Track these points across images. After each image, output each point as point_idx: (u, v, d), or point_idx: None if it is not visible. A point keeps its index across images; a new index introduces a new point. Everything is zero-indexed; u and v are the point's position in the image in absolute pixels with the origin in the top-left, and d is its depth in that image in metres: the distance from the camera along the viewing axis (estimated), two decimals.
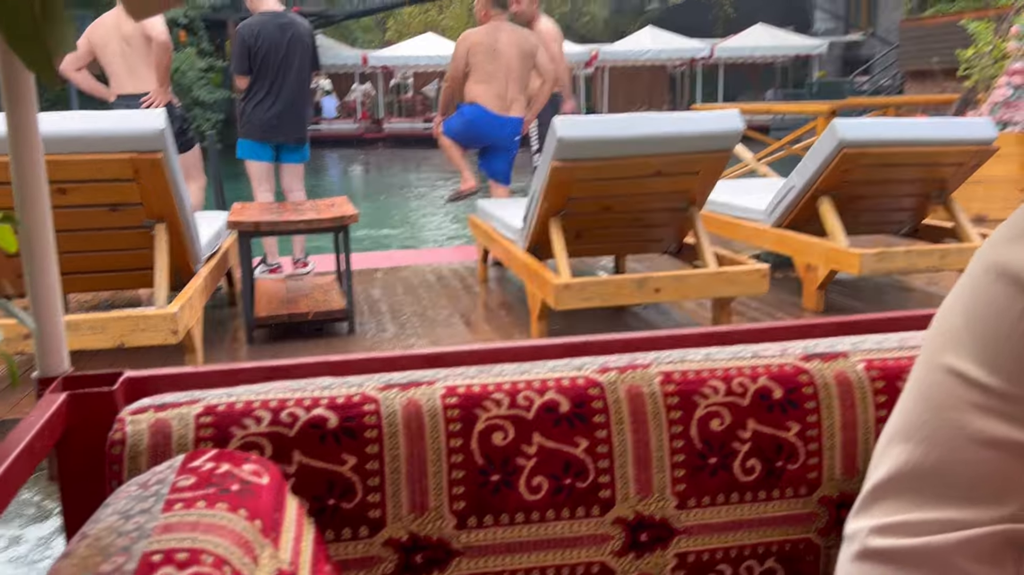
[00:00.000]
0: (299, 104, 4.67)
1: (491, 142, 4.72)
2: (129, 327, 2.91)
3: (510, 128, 4.66)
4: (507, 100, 4.60)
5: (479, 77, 4.57)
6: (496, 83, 4.56)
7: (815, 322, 1.04)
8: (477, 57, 4.55)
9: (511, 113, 4.63)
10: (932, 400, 0.63)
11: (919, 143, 3.60)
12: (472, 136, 4.71)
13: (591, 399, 0.85)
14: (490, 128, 4.63)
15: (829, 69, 25.08)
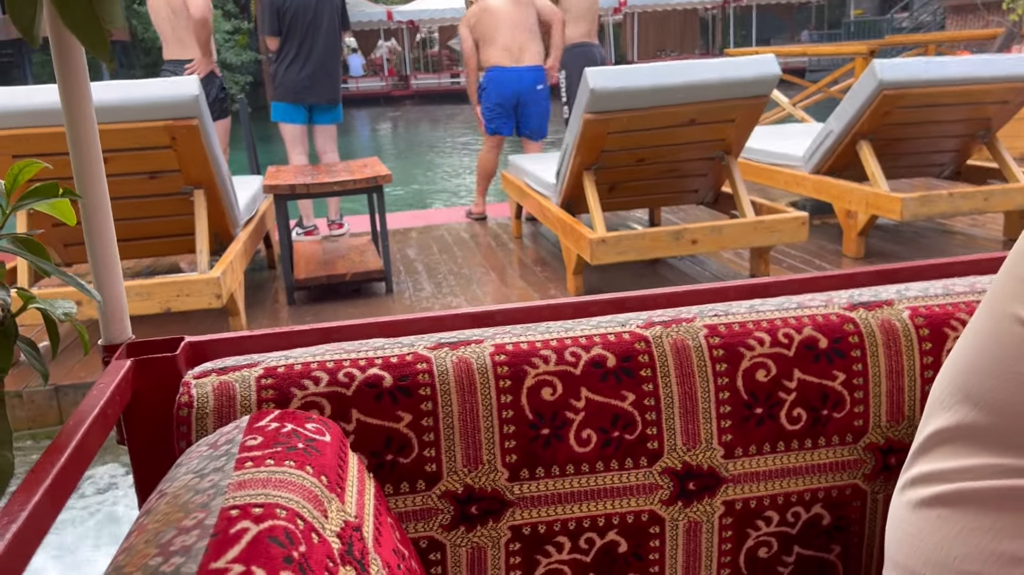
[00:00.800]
0: (330, 64, 4.67)
1: (517, 98, 4.69)
2: (174, 292, 2.98)
3: (529, 77, 4.65)
4: (515, 51, 4.62)
5: (485, 42, 4.65)
6: (500, 39, 4.61)
7: (858, 271, 1.04)
8: (478, 29, 4.64)
9: (524, 63, 4.63)
10: (1001, 351, 0.60)
11: (961, 82, 3.50)
12: (499, 100, 4.70)
13: (637, 353, 0.86)
14: (509, 82, 4.63)
15: (867, 6, 24.26)
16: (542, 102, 4.78)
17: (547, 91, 4.78)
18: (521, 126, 4.85)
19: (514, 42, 4.64)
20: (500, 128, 4.80)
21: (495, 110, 4.74)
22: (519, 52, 4.64)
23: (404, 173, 10.40)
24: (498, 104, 4.71)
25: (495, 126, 4.80)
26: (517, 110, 4.76)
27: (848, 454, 0.90)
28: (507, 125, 4.80)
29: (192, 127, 2.99)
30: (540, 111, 4.80)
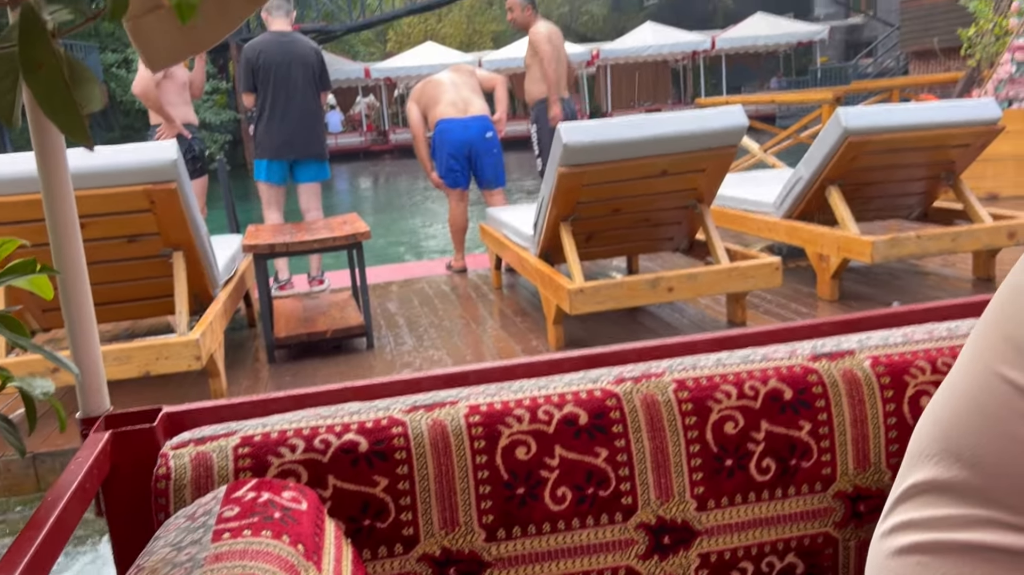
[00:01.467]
0: (309, 120, 4.74)
1: (469, 147, 4.80)
2: (153, 356, 2.97)
3: (476, 126, 4.79)
4: (461, 105, 4.80)
5: (431, 105, 4.86)
6: (445, 98, 4.82)
7: (822, 321, 1.07)
8: (424, 99, 4.90)
9: (471, 113, 4.79)
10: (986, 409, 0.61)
11: (924, 127, 3.61)
12: (451, 151, 4.80)
13: (609, 410, 0.88)
14: (457, 131, 4.76)
15: (832, 54, 24.99)
16: (493, 151, 4.89)
17: (496, 140, 4.91)
18: (478, 177, 4.95)
19: (459, 97, 4.83)
20: (457, 181, 4.90)
21: (449, 162, 4.84)
22: (464, 105, 4.82)
23: (384, 227, 10.46)
24: (451, 155, 4.82)
25: (452, 179, 4.89)
26: (471, 160, 4.86)
27: (818, 502, 0.91)
28: (463, 177, 4.90)
29: (171, 190, 3.02)
30: (493, 160, 4.90)
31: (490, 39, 31.23)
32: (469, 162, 4.87)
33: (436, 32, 31.02)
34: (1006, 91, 6.30)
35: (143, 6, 0.81)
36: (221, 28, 0.87)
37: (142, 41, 0.84)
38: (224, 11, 0.86)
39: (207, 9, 0.84)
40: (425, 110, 4.92)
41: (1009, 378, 0.59)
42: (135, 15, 0.81)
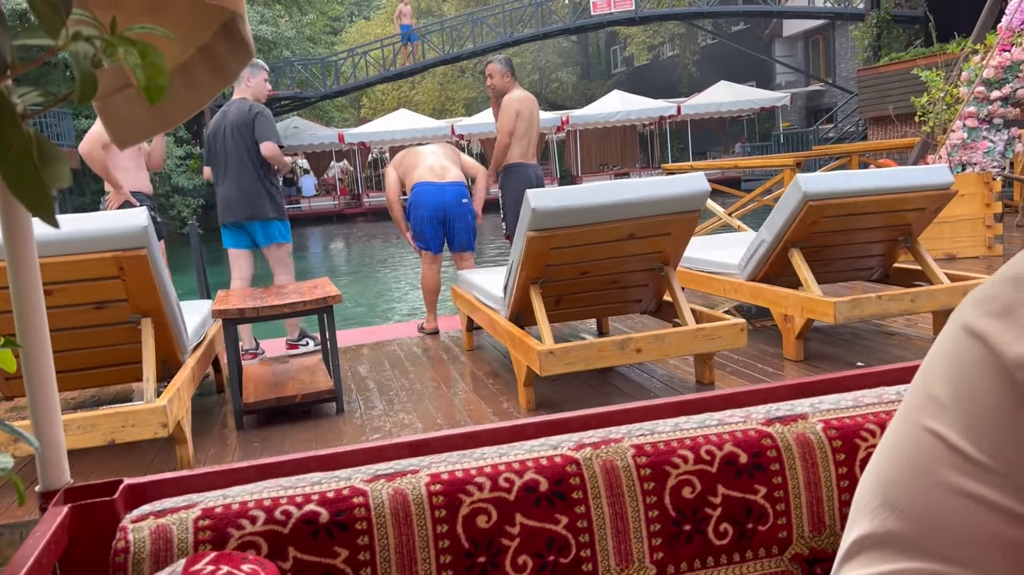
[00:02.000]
0: (244, 183, 4.72)
1: (444, 211, 4.89)
2: (119, 423, 2.92)
3: (452, 191, 4.90)
4: (438, 170, 4.93)
5: (409, 170, 5.00)
6: (423, 163, 4.96)
7: (777, 386, 1.10)
8: (403, 166, 5.05)
9: (448, 179, 4.91)
10: (915, 462, 0.64)
11: (880, 192, 3.73)
12: (427, 213, 4.88)
13: (569, 476, 0.90)
14: (433, 194, 4.86)
15: (794, 119, 25.78)
16: (467, 216, 4.99)
17: (471, 206, 5.02)
18: (450, 241, 5.03)
19: (437, 163, 4.97)
20: (430, 245, 4.97)
21: (424, 226, 4.91)
22: (442, 171, 4.94)
23: (357, 290, 10.45)
24: (426, 219, 4.89)
25: (425, 243, 4.97)
26: (445, 224, 4.94)
27: (775, 566, 0.93)
28: (436, 241, 4.97)
29: (140, 257, 3.02)
30: (466, 226, 5.00)
31: (462, 106, 31.85)
32: (443, 226, 4.95)
33: (409, 99, 31.59)
34: (959, 156, 6.54)
35: (112, 86, 0.84)
36: (190, 106, 0.90)
37: (111, 119, 0.86)
38: (193, 90, 0.89)
39: (176, 88, 0.87)
40: (403, 175, 5.04)
41: (931, 428, 0.62)
42: (104, 95, 0.84)
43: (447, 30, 24.48)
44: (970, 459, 0.60)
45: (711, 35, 27.77)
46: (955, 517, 0.61)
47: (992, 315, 0.59)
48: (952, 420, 0.61)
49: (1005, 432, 0.58)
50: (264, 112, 4.74)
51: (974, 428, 0.60)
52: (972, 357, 0.60)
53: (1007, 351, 0.57)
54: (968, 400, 0.60)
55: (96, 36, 0.61)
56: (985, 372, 0.59)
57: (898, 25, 15.71)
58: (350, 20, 37.80)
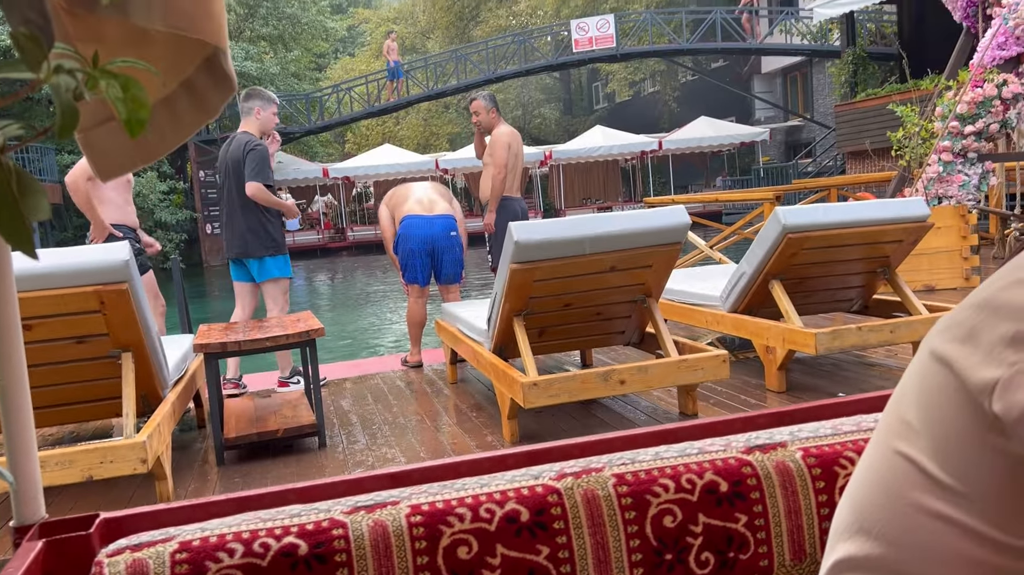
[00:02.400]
0: (236, 219, 4.69)
1: (432, 243, 4.91)
2: (97, 459, 2.88)
3: (441, 223, 4.94)
4: (427, 203, 4.99)
5: (399, 204, 5.07)
6: (413, 197, 5.03)
7: (757, 414, 1.11)
8: (393, 200, 5.14)
9: (436, 212, 4.96)
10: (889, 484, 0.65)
11: (857, 224, 3.79)
12: (415, 246, 4.90)
13: (550, 506, 0.90)
14: (422, 227, 4.90)
15: (774, 154, 26.15)
16: (456, 249, 5.01)
17: (459, 239, 5.04)
18: (438, 273, 5.04)
19: (425, 197, 5.03)
20: (417, 278, 4.97)
21: (412, 259, 4.93)
22: (430, 204, 4.99)
23: (340, 323, 10.41)
24: (414, 252, 4.91)
25: (413, 276, 4.97)
26: (433, 257, 4.96)
27: None
28: (423, 274, 4.97)
29: (122, 291, 3.00)
30: (454, 258, 5.02)
31: (446, 140, 32.08)
32: (431, 259, 4.96)
33: (394, 134, 31.78)
34: (935, 189, 6.66)
35: (93, 119, 0.85)
36: (172, 139, 0.91)
37: (93, 152, 0.87)
38: (175, 123, 0.90)
39: (158, 122, 0.88)
40: (393, 210, 5.10)
41: (903, 452, 0.64)
42: (86, 128, 0.85)
43: (431, 66, 24.74)
44: (940, 482, 0.61)
45: (691, 72, 28.23)
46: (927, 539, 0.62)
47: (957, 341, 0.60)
48: (923, 444, 0.63)
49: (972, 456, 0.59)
50: (257, 149, 4.63)
51: (943, 452, 0.61)
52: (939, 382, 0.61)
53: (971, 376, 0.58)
54: (937, 424, 0.62)
55: (78, 69, 0.62)
56: (951, 397, 0.60)
57: (873, 62, 16.06)
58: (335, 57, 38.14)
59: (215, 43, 0.79)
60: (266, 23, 26.23)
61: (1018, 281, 0.57)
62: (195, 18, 0.77)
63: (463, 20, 32.82)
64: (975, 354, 0.58)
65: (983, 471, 0.58)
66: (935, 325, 0.65)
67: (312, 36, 28.40)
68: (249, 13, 26.10)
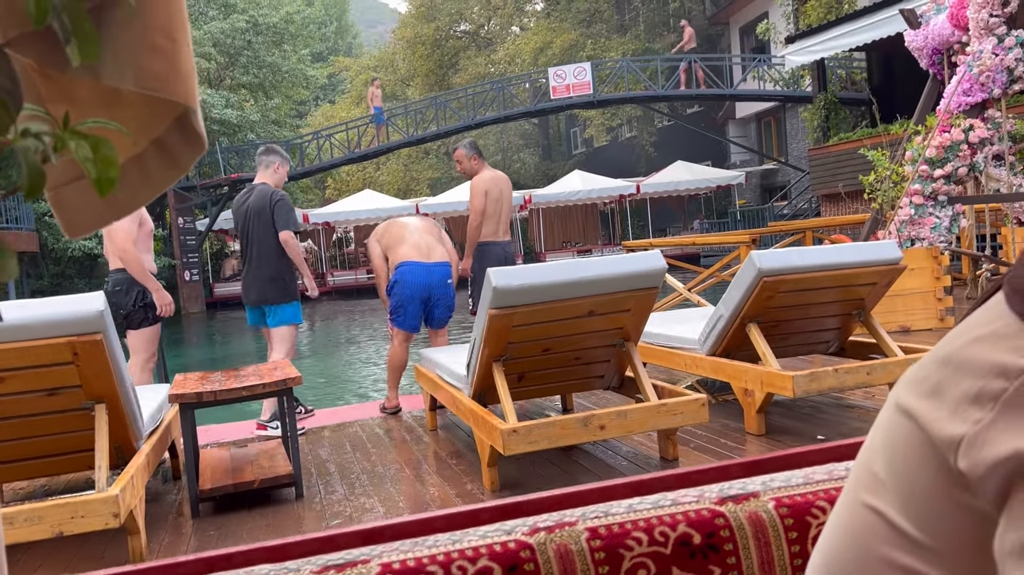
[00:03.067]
0: (259, 268, 4.89)
1: (429, 291, 4.88)
2: (68, 514, 2.81)
3: (439, 272, 4.91)
4: (424, 249, 4.94)
5: (394, 246, 4.98)
6: (409, 240, 4.96)
7: (730, 463, 1.11)
8: (386, 239, 5.05)
9: (434, 259, 4.91)
10: (857, 538, 0.65)
11: (832, 267, 3.84)
12: (412, 292, 4.85)
13: (523, 562, 0.89)
14: (420, 275, 4.85)
15: (750, 196, 26.53)
16: (450, 296, 5.01)
17: (452, 288, 5.04)
18: (429, 319, 5.03)
19: (423, 242, 4.95)
20: (408, 324, 4.93)
21: (406, 303, 4.88)
22: (428, 250, 4.92)
23: (319, 370, 10.32)
24: (409, 296, 4.86)
25: (403, 321, 4.91)
26: (427, 303, 4.93)
27: None
28: (415, 321, 4.94)
29: (96, 342, 2.97)
30: (447, 304, 5.02)
31: (426, 186, 32.30)
32: (425, 306, 4.93)
33: (374, 179, 31.96)
34: (908, 231, 6.77)
35: (63, 177, 0.85)
36: (143, 196, 0.91)
37: (63, 209, 0.87)
38: (146, 180, 0.90)
39: (128, 179, 0.88)
40: (387, 249, 5.02)
41: (871, 505, 0.64)
42: (55, 186, 0.85)
43: (411, 113, 25.00)
44: (908, 536, 0.61)
45: (667, 117, 28.72)
46: None
47: (922, 395, 0.60)
48: (891, 497, 0.63)
49: (939, 510, 0.59)
50: (285, 200, 4.89)
51: (911, 505, 0.61)
52: (906, 436, 0.62)
53: (937, 432, 0.58)
54: (904, 477, 0.62)
55: (45, 132, 0.62)
56: (918, 450, 0.60)
57: (845, 107, 16.43)
58: (315, 104, 38.47)
59: (186, 103, 0.80)
60: (247, 71, 26.44)
61: (978, 338, 0.58)
62: (167, 79, 0.78)
63: (442, 68, 33.29)
64: (940, 409, 0.58)
65: (950, 525, 0.58)
66: (903, 376, 0.66)
67: (292, 84, 28.64)
68: (230, 62, 26.32)
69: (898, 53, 9.87)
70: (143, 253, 4.71)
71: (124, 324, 4.66)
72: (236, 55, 26.07)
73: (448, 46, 33.46)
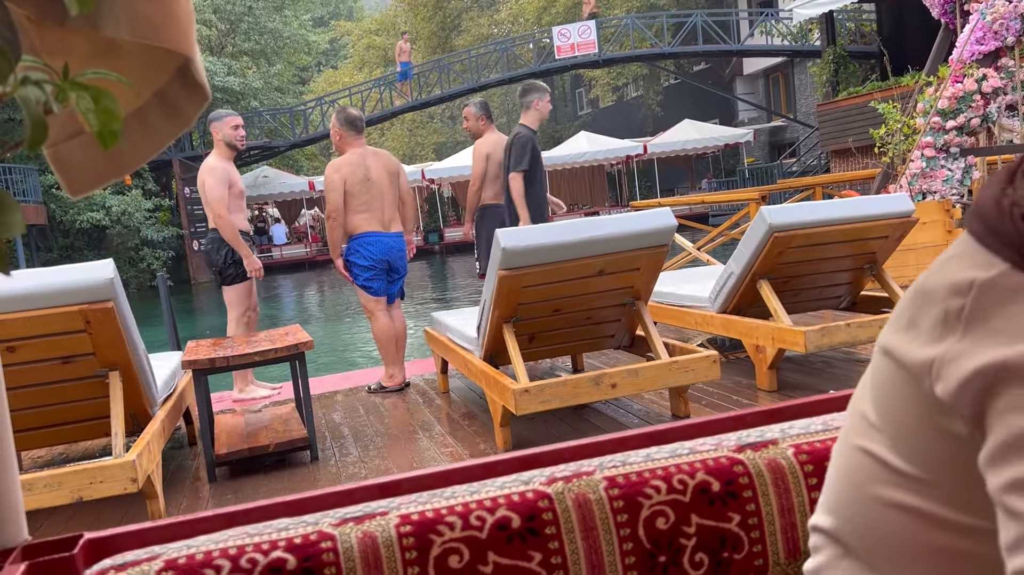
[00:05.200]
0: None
1: (388, 263, 4.76)
2: (86, 480, 2.85)
3: (399, 243, 4.81)
4: (386, 221, 4.76)
5: (356, 207, 4.67)
6: (372, 210, 4.70)
7: (747, 412, 1.10)
8: (353, 187, 4.66)
9: (393, 230, 4.79)
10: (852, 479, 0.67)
11: (843, 221, 3.80)
12: (373, 263, 4.72)
13: (541, 511, 0.89)
14: (381, 246, 4.72)
15: (758, 154, 26.27)
16: (405, 266, 4.92)
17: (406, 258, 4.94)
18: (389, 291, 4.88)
19: (384, 214, 4.75)
20: (380, 289, 4.78)
21: (370, 272, 4.73)
22: (389, 222, 4.78)
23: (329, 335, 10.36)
24: (372, 267, 4.72)
25: (375, 287, 4.76)
26: (388, 273, 4.82)
27: None
28: (382, 284, 4.79)
29: (107, 310, 2.98)
30: (403, 275, 4.93)
31: (432, 150, 32.11)
32: (387, 274, 4.82)
33: (379, 145, 31.73)
34: (919, 185, 6.69)
35: (63, 133, 0.83)
36: (145, 150, 0.89)
37: (63, 167, 0.86)
38: (148, 134, 0.89)
39: (131, 133, 0.87)
40: (347, 198, 4.65)
41: (863, 447, 0.66)
42: (55, 142, 0.83)
43: (415, 76, 24.75)
44: (901, 472, 0.62)
45: (674, 75, 28.36)
46: (892, 532, 0.63)
47: (900, 331, 0.61)
48: (881, 437, 0.64)
49: (925, 441, 0.60)
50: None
51: (899, 441, 0.62)
52: (888, 374, 0.63)
53: (909, 359, 0.59)
54: (891, 416, 0.63)
55: (46, 81, 0.61)
56: (899, 386, 0.61)
57: (854, 60, 16.17)
58: (318, 70, 38.12)
59: (182, 51, 0.78)
60: (248, 38, 26.19)
61: (942, 262, 0.60)
62: (163, 27, 0.76)
63: (445, 30, 32.89)
64: (916, 340, 0.59)
65: (939, 454, 0.59)
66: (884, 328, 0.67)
67: (294, 50, 28.37)
68: (231, 28, 26.06)
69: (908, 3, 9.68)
70: (235, 213, 4.77)
71: (219, 280, 4.87)
72: (237, 21, 25.80)
73: (450, 7, 33.02)
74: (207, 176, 4.67)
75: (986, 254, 0.55)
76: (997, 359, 0.51)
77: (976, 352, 0.53)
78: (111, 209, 19.57)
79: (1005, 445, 0.50)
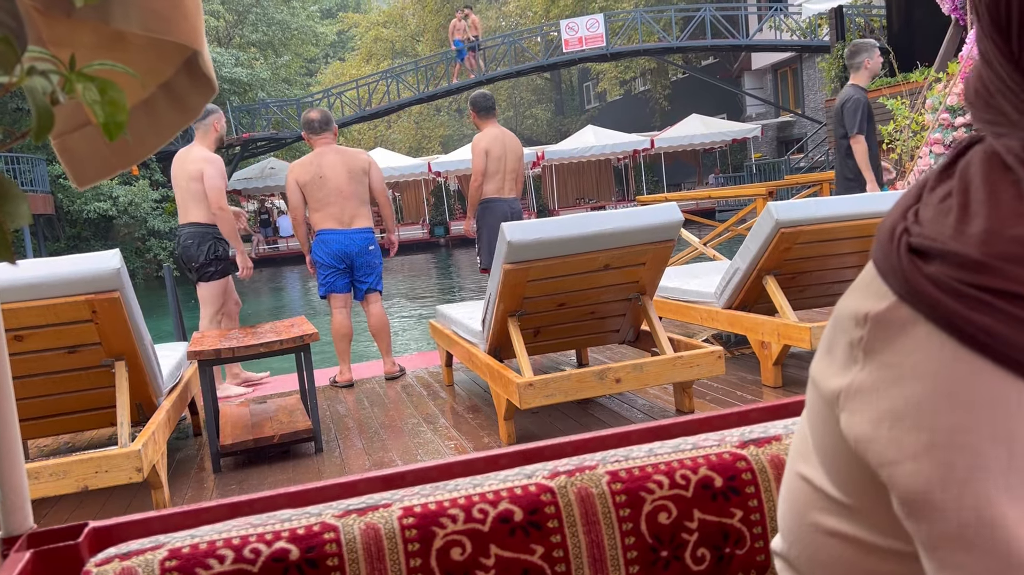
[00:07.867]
0: None
1: (350, 259, 4.76)
2: (92, 469, 2.86)
3: (359, 238, 4.75)
4: (345, 220, 4.72)
5: (313, 205, 4.72)
6: (330, 208, 4.69)
7: (751, 408, 1.10)
8: (308, 189, 4.68)
9: (355, 226, 4.74)
10: (794, 505, 0.67)
11: (850, 217, 3.78)
12: (331, 261, 4.72)
13: (543, 505, 0.89)
14: (338, 244, 4.70)
15: (765, 150, 26.19)
16: (375, 261, 4.86)
17: (378, 251, 4.90)
18: (357, 285, 4.87)
19: (344, 213, 4.71)
20: (335, 286, 4.78)
21: (327, 271, 4.75)
22: (349, 220, 4.73)
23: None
24: (329, 265, 4.73)
25: (328, 285, 4.78)
26: (351, 271, 4.81)
27: None
28: (341, 282, 4.79)
29: (114, 299, 2.99)
30: (371, 269, 4.86)
31: (438, 143, 32.08)
32: (349, 272, 4.81)
33: (386, 138, 31.79)
34: None
35: (70, 124, 0.83)
36: (151, 142, 0.90)
37: (69, 158, 0.86)
38: (155, 125, 0.89)
39: (137, 124, 0.87)
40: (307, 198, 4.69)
41: (801, 473, 0.65)
42: (62, 132, 0.84)
43: (422, 69, 24.72)
44: (831, 498, 0.62)
45: (681, 69, 28.26)
46: (832, 557, 0.63)
47: (820, 357, 0.61)
48: (815, 462, 0.64)
49: (846, 468, 0.59)
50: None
51: (828, 468, 0.62)
52: (812, 399, 0.63)
53: (824, 388, 0.59)
54: (818, 441, 0.63)
55: (53, 71, 0.61)
56: (820, 413, 0.61)
57: None
58: (325, 62, 38.11)
59: (191, 45, 0.79)
60: (256, 29, 26.18)
61: (851, 289, 0.58)
62: (171, 20, 0.76)
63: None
64: (830, 366, 0.58)
65: (858, 481, 0.58)
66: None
67: (302, 41, 28.36)
68: (239, 19, 26.06)
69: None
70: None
71: (195, 277, 4.75)
72: (245, 12, 25.80)
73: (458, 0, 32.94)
74: (207, 166, 4.57)
75: (880, 284, 0.53)
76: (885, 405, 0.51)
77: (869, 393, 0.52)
78: (118, 199, 19.62)
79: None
